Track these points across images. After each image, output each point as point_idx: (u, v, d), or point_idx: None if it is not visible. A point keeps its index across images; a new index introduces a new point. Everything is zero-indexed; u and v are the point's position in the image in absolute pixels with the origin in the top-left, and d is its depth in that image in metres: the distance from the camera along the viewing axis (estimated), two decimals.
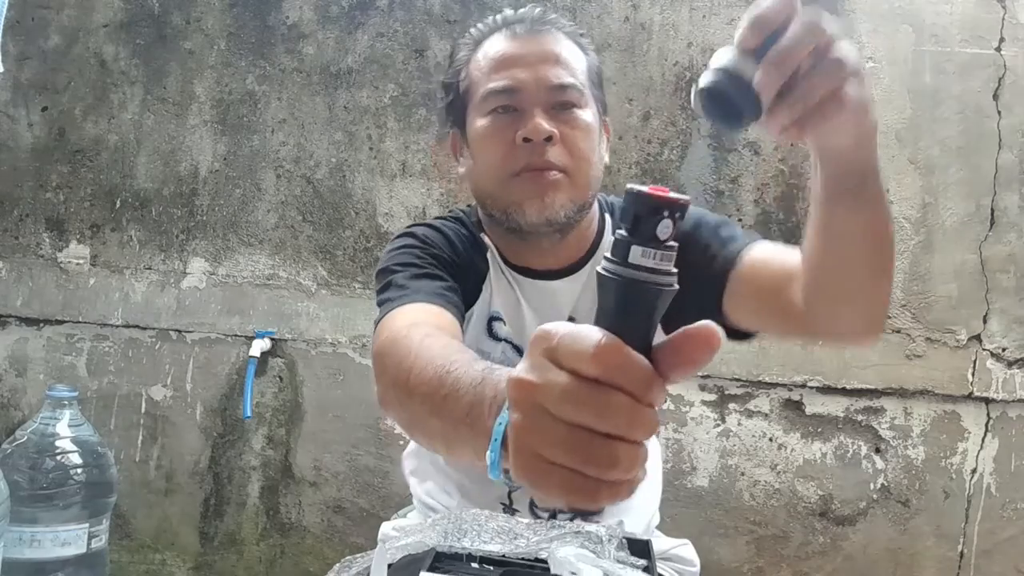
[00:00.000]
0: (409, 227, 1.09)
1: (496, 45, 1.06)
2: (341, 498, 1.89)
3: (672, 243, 0.45)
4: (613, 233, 1.03)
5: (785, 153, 1.84)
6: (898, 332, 1.81)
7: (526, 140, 0.99)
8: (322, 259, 1.91)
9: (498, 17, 1.09)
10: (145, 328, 1.93)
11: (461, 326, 0.95)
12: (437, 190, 1.89)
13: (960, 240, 1.81)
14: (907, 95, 1.82)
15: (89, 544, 1.67)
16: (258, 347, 1.85)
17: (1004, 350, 1.80)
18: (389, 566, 0.72)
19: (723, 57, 0.60)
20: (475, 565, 0.77)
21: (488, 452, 0.52)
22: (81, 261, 1.94)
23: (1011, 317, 1.80)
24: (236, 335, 1.91)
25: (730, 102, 0.59)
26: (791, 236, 1.83)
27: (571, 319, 1.05)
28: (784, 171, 1.84)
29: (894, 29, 1.83)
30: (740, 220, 1.84)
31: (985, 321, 1.80)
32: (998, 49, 1.81)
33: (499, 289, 1.08)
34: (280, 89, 1.92)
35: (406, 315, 0.88)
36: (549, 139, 0.99)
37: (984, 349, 1.80)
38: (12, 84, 1.95)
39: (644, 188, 0.45)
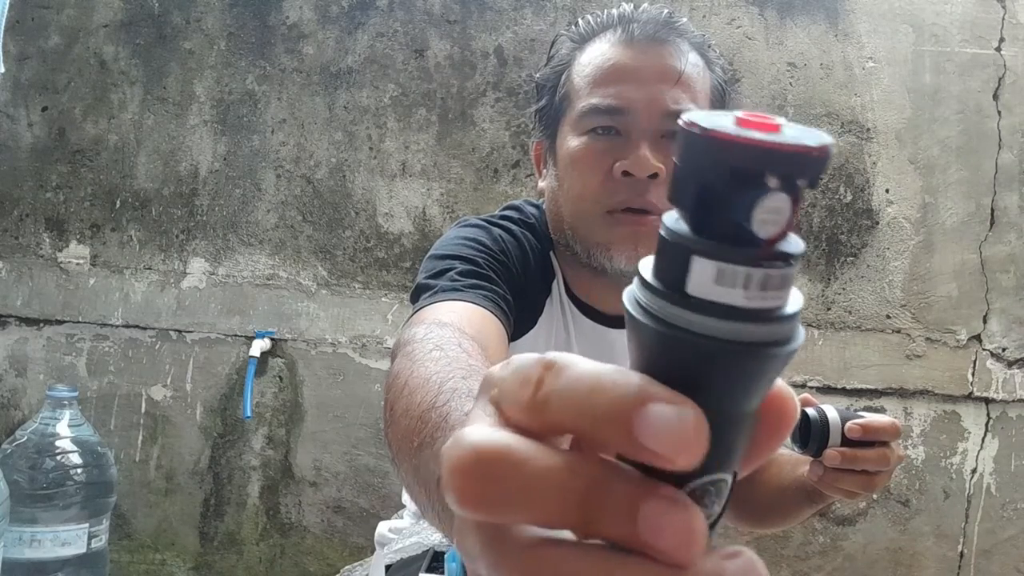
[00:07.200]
0: (484, 219, 0.93)
1: (606, 49, 0.90)
2: (341, 498, 1.89)
3: (788, 248, 0.22)
4: None
5: None
6: (898, 332, 1.81)
7: (626, 174, 0.84)
8: (322, 259, 1.91)
9: (613, 12, 0.92)
10: (145, 328, 1.93)
11: (508, 340, 0.80)
12: (437, 190, 1.89)
13: (960, 240, 1.81)
14: (907, 95, 1.82)
15: (89, 544, 1.67)
16: (258, 347, 1.85)
17: (1004, 350, 1.80)
18: (388, 567, 0.72)
19: (832, 411, 0.88)
20: None
21: (447, 558, 0.36)
22: (81, 261, 1.94)
23: (1011, 317, 1.80)
24: (236, 335, 1.91)
25: (808, 433, 0.88)
26: None
27: None
28: None
29: (894, 29, 1.82)
30: None
31: (985, 321, 1.80)
32: (998, 49, 1.81)
33: (551, 325, 0.93)
34: (280, 89, 1.92)
35: (440, 311, 0.72)
36: (654, 176, 0.83)
37: (984, 349, 1.79)
38: (12, 84, 1.95)
39: (711, 123, 0.21)
